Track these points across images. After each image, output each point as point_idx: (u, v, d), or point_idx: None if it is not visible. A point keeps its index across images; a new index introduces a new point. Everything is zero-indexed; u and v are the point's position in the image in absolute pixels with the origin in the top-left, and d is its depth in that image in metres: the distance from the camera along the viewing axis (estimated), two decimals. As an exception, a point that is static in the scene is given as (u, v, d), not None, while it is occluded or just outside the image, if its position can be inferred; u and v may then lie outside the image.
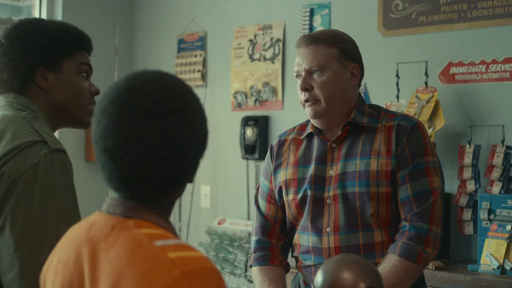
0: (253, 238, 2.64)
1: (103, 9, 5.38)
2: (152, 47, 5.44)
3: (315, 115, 2.45)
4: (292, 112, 4.59)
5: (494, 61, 3.77)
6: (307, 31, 4.49)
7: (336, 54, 2.45)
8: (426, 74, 3.87)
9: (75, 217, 1.94)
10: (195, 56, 5.13)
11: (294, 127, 2.65)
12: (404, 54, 4.05)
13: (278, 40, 4.67)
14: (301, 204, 2.47)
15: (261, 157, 4.66)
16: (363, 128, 2.46)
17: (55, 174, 1.89)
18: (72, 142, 5.13)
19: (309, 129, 2.54)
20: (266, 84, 4.70)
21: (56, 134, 4.94)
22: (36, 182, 1.85)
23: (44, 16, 5.15)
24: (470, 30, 3.88)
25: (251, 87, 4.78)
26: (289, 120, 4.60)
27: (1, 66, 2.05)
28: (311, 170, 2.47)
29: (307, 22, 4.50)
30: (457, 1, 3.90)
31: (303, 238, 2.48)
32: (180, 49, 5.26)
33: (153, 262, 1.28)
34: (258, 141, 4.65)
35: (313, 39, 2.45)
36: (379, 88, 4.16)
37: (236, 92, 4.85)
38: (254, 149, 4.68)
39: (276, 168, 2.57)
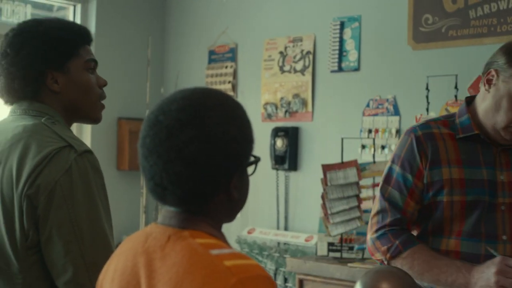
0: (385, 229, 2.42)
1: (136, 21, 5.47)
2: (183, 58, 5.52)
3: None
4: (322, 124, 4.65)
5: (523, 75, 3.81)
6: (337, 44, 4.55)
7: None
8: (456, 87, 3.92)
9: (110, 214, 2.01)
10: (226, 67, 5.21)
11: (434, 121, 2.47)
12: (434, 68, 4.10)
13: (308, 52, 4.73)
14: (469, 207, 2.34)
15: (291, 168, 4.72)
16: None
17: (88, 175, 1.94)
18: (104, 151, 5.22)
19: (469, 129, 2.40)
20: (296, 95, 4.77)
21: (88, 143, 5.01)
22: (73, 186, 1.90)
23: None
24: (500, 44, 3.89)
25: (281, 98, 4.85)
26: (318, 131, 4.67)
27: (11, 76, 2.06)
28: (481, 173, 2.36)
29: (337, 35, 4.56)
30: (487, 16, 3.94)
31: (468, 245, 2.34)
32: (211, 60, 5.34)
33: (210, 270, 1.36)
34: (288, 152, 4.72)
35: None
36: (409, 101, 4.21)
37: (266, 103, 4.92)
38: (284, 159, 4.74)
39: (434, 164, 2.38)
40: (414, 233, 2.45)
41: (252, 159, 1.54)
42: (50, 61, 2.06)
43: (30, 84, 2.06)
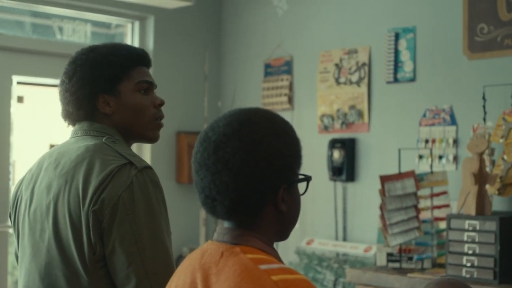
0: None
1: (193, 36, 5.57)
2: (239, 72, 5.60)
3: None
4: (379, 135, 4.68)
5: None
6: (392, 56, 4.58)
7: None
8: (512, 96, 3.91)
9: (169, 226, 2.09)
10: (282, 80, 5.27)
11: None
12: (490, 77, 4.09)
13: (363, 64, 4.76)
14: None
15: (348, 179, 4.75)
16: None
17: (148, 190, 2.03)
18: (163, 165, 5.32)
19: None
20: (352, 107, 4.80)
21: (148, 157, 5.13)
22: (134, 201, 2.00)
23: (136, 43, 5.37)
24: (557, 52, 3.90)
25: (338, 110, 4.89)
26: (375, 142, 4.69)
27: (66, 100, 2.20)
28: None
29: (392, 46, 4.58)
30: (543, 24, 3.94)
31: None
32: (267, 74, 5.41)
33: (258, 285, 1.44)
34: (345, 163, 4.75)
35: None
36: (466, 111, 4.21)
37: (323, 115, 4.97)
38: (341, 171, 4.77)
39: None
40: None
41: (302, 177, 1.63)
42: (99, 85, 2.17)
43: (82, 108, 2.19)
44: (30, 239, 2.14)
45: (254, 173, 1.52)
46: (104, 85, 2.17)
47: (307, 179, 1.64)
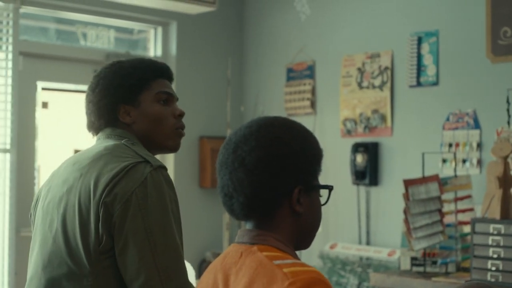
0: None
1: (215, 42, 5.59)
2: (262, 77, 5.62)
3: None
4: (402, 139, 4.67)
5: None
6: (415, 59, 4.57)
7: None
8: (537, 99, 3.89)
9: (181, 226, 2.12)
10: (304, 84, 5.28)
11: None
12: (514, 80, 4.08)
13: (386, 68, 4.76)
14: None
15: (372, 183, 4.75)
16: None
17: (163, 187, 2.07)
18: (186, 169, 5.34)
19: None
20: (375, 111, 4.80)
21: (171, 161, 5.14)
22: (147, 197, 2.03)
23: (159, 48, 5.41)
24: None
25: (360, 114, 4.89)
26: (398, 146, 4.68)
27: (89, 111, 2.29)
28: None
29: (415, 50, 4.57)
30: None
31: None
32: (289, 78, 5.42)
33: (270, 278, 1.51)
34: (368, 167, 4.75)
35: None
36: (489, 114, 4.19)
37: (346, 119, 4.97)
38: (364, 175, 4.77)
39: None
40: None
41: (320, 184, 1.69)
42: (120, 95, 2.25)
43: (103, 117, 2.26)
44: (40, 230, 2.19)
45: (267, 170, 1.60)
46: (124, 95, 2.24)
47: (328, 187, 1.69)
